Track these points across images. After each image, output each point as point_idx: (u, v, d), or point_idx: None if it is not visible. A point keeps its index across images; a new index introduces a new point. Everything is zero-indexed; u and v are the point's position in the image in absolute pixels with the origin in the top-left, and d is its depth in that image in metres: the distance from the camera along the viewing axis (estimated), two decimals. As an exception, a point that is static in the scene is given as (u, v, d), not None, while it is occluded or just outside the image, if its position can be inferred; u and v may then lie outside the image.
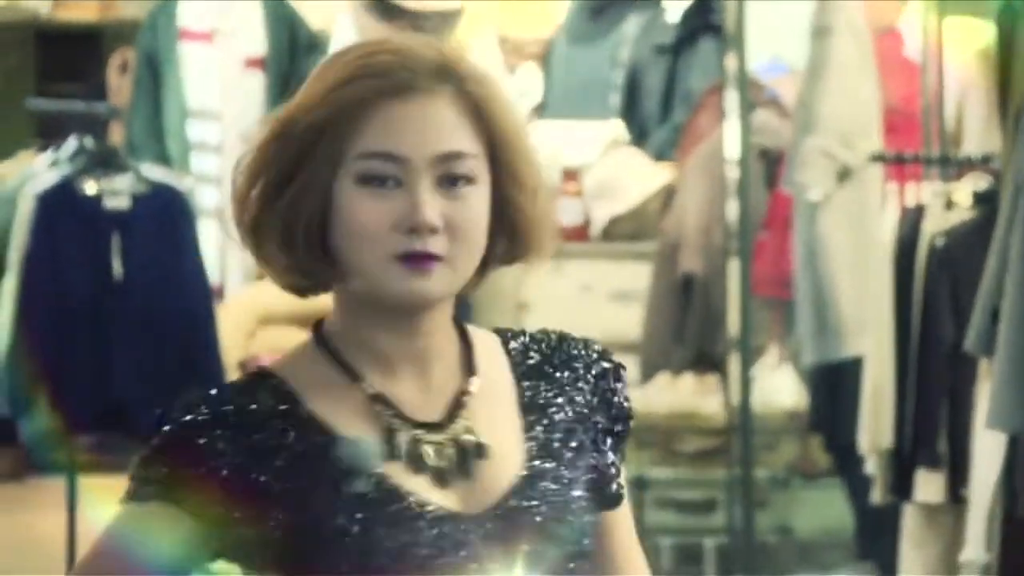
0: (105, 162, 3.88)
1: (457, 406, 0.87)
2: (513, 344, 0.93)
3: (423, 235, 0.80)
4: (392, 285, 0.81)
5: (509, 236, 0.86)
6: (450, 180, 0.82)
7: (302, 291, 0.88)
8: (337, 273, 0.84)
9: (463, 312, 0.92)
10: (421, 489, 0.83)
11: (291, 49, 4.78)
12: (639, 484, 4.28)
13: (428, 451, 0.84)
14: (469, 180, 0.82)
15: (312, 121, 0.80)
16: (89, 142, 3.87)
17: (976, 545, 3.00)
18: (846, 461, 3.77)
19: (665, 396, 4.42)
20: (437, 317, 0.86)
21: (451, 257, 0.82)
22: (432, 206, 0.80)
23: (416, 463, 0.84)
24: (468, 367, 0.89)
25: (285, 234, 0.81)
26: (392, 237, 0.81)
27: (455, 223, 0.81)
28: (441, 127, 0.82)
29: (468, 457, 0.86)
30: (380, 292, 0.83)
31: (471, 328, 0.92)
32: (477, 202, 0.83)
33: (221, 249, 4.62)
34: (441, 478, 0.84)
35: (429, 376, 0.87)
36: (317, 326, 0.88)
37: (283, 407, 0.82)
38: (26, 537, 4.01)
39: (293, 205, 0.80)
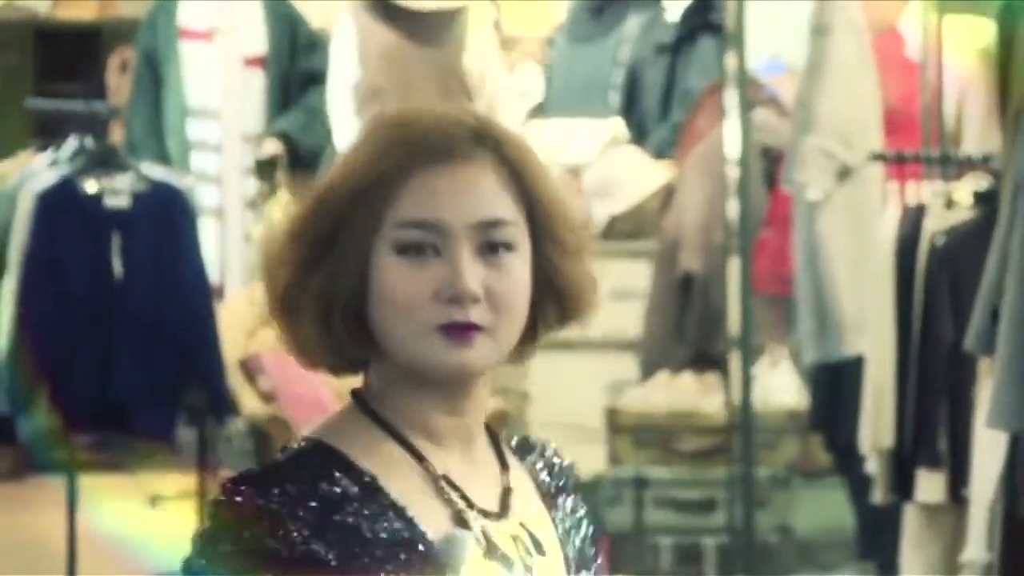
0: (105, 161, 3.89)
1: (506, 495, 0.83)
2: (531, 450, 0.91)
3: (465, 305, 0.77)
4: (433, 357, 0.77)
5: (555, 300, 0.83)
6: (490, 248, 0.79)
7: (336, 370, 0.84)
8: (375, 349, 0.79)
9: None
10: None
11: (291, 48, 4.77)
12: (638, 483, 4.26)
13: (500, 543, 0.80)
14: (509, 247, 0.79)
15: (349, 190, 0.78)
16: (89, 141, 3.87)
17: (977, 545, 2.98)
18: (847, 460, 3.75)
19: (665, 395, 4.39)
20: (480, 393, 0.83)
21: (493, 327, 0.78)
22: (473, 275, 0.77)
23: (489, 553, 0.79)
24: (500, 456, 0.86)
25: (321, 308, 0.77)
26: (432, 307, 0.77)
27: (496, 292, 0.78)
28: (481, 194, 0.79)
29: (531, 552, 0.82)
30: (421, 365, 0.78)
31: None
32: (518, 270, 0.80)
33: (221, 248, 4.66)
34: (511, 571, 0.80)
35: (474, 457, 0.84)
36: (356, 393, 0.83)
37: (359, 489, 0.75)
38: (26, 536, 3.99)
39: (330, 277, 0.77)
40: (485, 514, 0.80)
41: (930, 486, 3.15)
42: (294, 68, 4.74)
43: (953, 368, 3.16)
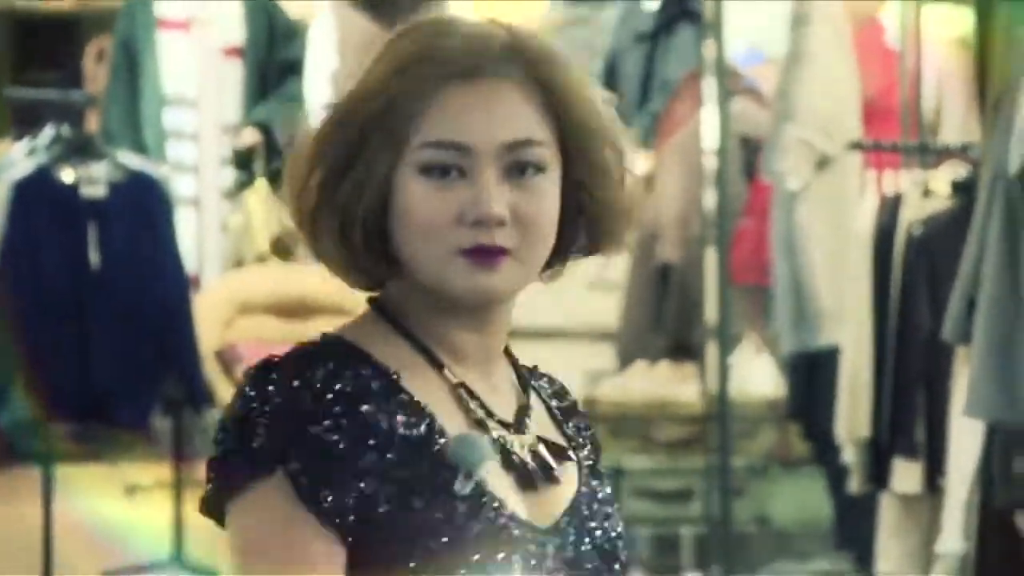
0: (82, 150, 3.86)
1: (522, 414, 0.82)
2: (542, 377, 0.90)
3: (490, 228, 0.74)
4: (457, 281, 0.75)
5: (585, 225, 0.79)
6: (519, 169, 0.75)
7: (360, 285, 0.81)
8: (397, 269, 0.77)
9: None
10: (506, 494, 0.77)
11: (269, 38, 4.72)
12: (616, 473, 4.23)
13: (517, 451, 0.79)
14: (539, 169, 0.75)
15: (372, 107, 0.73)
16: (66, 130, 3.85)
17: (953, 535, 2.98)
18: (824, 450, 3.74)
19: (642, 384, 4.38)
20: (504, 315, 0.81)
21: (519, 250, 0.75)
22: (498, 197, 0.74)
23: (507, 463, 0.78)
24: (518, 376, 0.85)
25: (343, 228, 0.75)
26: (456, 230, 0.74)
27: (524, 214, 0.75)
28: (509, 113, 0.75)
29: (547, 463, 0.81)
30: (444, 288, 0.76)
31: None
32: (547, 192, 0.76)
33: (198, 237, 4.60)
34: (527, 481, 0.79)
35: (492, 376, 0.82)
36: (374, 301, 0.81)
37: (381, 384, 0.74)
38: (4, 527, 3.95)
39: (351, 196, 0.74)
40: (504, 425, 0.79)
41: (907, 476, 3.14)
42: (272, 58, 4.69)
43: (930, 358, 3.15)
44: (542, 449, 0.80)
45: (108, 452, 4.29)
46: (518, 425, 0.81)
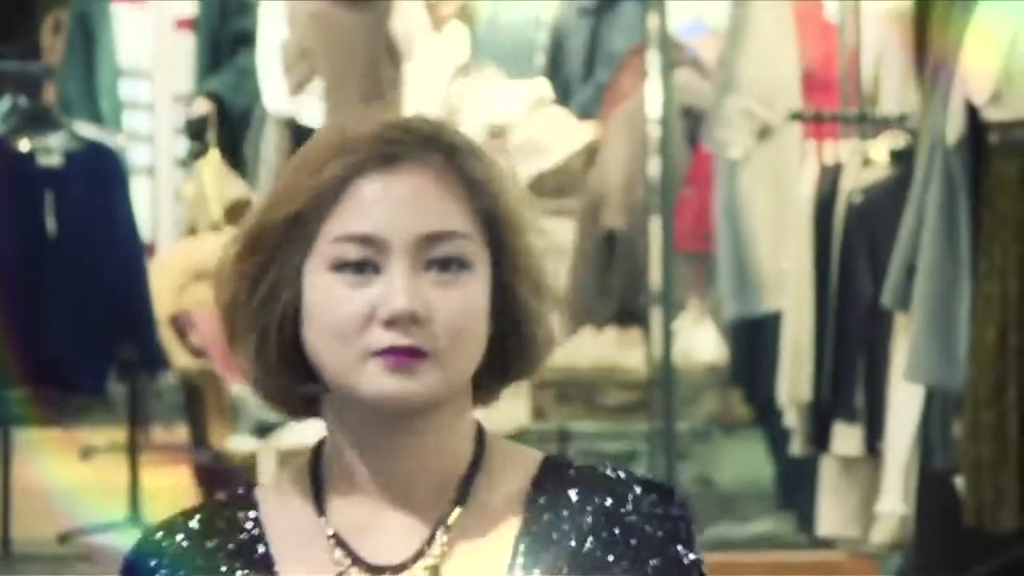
0: (38, 120, 3.76)
1: (431, 541, 0.66)
2: (552, 470, 0.69)
3: (404, 327, 0.61)
4: (370, 386, 0.61)
5: (511, 333, 0.65)
6: (440, 264, 0.62)
7: (292, 411, 0.68)
8: (312, 384, 0.65)
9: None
10: None
11: (221, 10, 4.57)
12: (562, 436, 4.13)
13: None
14: (463, 264, 0.62)
15: (286, 204, 0.62)
16: (23, 101, 3.76)
17: (892, 496, 2.93)
18: (766, 414, 3.66)
19: (589, 350, 4.25)
20: (429, 431, 0.64)
21: (440, 353, 0.61)
22: (414, 292, 0.61)
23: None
24: (462, 487, 0.67)
25: (256, 336, 0.63)
26: (369, 331, 0.61)
27: (445, 313, 0.61)
28: (427, 203, 0.63)
29: None
30: (357, 394, 0.62)
31: (503, 445, 0.69)
32: (472, 289, 0.62)
33: (153, 205, 4.54)
34: None
35: (413, 504, 0.66)
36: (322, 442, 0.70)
37: (239, 543, 0.67)
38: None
39: (265, 302, 0.62)
40: (377, 571, 0.65)
41: (847, 439, 3.07)
42: (224, 29, 4.51)
43: (870, 323, 3.07)
44: None
45: (65, 416, 4.17)
46: (416, 558, 0.65)
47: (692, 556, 0.64)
